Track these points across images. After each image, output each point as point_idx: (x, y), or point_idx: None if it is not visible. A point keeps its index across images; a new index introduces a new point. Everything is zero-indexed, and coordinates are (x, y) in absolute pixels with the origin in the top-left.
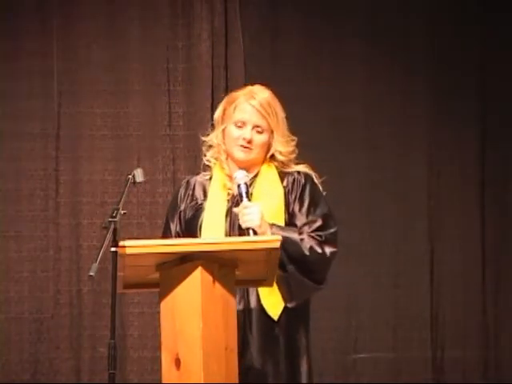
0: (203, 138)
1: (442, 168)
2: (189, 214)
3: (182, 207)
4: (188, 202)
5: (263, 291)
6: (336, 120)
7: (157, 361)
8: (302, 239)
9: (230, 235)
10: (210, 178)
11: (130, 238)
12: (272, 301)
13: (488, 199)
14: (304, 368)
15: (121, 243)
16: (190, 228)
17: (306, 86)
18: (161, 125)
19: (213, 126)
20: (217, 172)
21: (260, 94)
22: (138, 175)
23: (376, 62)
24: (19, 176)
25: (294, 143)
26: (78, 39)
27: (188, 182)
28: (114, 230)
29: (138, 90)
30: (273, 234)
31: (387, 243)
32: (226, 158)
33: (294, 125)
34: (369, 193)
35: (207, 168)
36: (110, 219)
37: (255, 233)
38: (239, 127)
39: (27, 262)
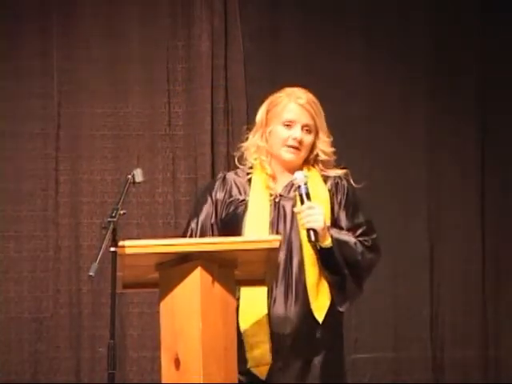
0: (244, 144)
1: (441, 168)
2: (227, 210)
3: (219, 199)
4: (226, 197)
5: (311, 293)
6: (335, 120)
7: (156, 361)
8: (355, 243)
9: (272, 234)
10: (249, 179)
11: (129, 238)
12: (319, 304)
13: (488, 199)
14: (342, 370)
15: (120, 243)
16: (229, 225)
17: (306, 86)
18: (160, 124)
19: (248, 130)
20: (257, 172)
21: (304, 94)
22: (138, 175)
23: (376, 61)
24: (19, 176)
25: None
26: (78, 39)
27: (225, 178)
28: (114, 229)
29: (137, 90)
30: (331, 236)
31: (387, 243)
32: (270, 159)
33: None
34: (369, 193)
35: (247, 168)
36: (110, 219)
37: (316, 234)
38: (287, 126)
39: (27, 262)
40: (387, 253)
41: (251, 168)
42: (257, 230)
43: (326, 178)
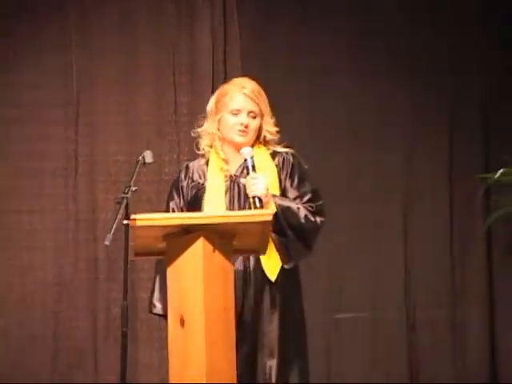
0: (198, 129)
1: (414, 155)
2: (191, 193)
3: (184, 188)
4: (189, 182)
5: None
6: (322, 112)
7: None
8: (298, 208)
9: (230, 210)
10: (206, 163)
11: (140, 212)
12: (270, 263)
13: (455, 180)
14: (299, 330)
15: (132, 217)
16: (194, 205)
17: (298, 80)
18: (167, 112)
19: (204, 118)
20: (213, 157)
21: (248, 83)
22: (148, 156)
23: (370, 58)
24: (43, 157)
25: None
26: (94, 36)
27: (187, 167)
28: (126, 204)
29: (147, 81)
30: (275, 202)
31: (366, 216)
32: (222, 145)
33: (285, 115)
34: (352, 172)
35: (202, 155)
36: (123, 195)
37: (260, 201)
38: (235, 115)
39: (50, 233)
40: (365, 225)
41: (203, 154)
42: (214, 208)
43: (274, 155)
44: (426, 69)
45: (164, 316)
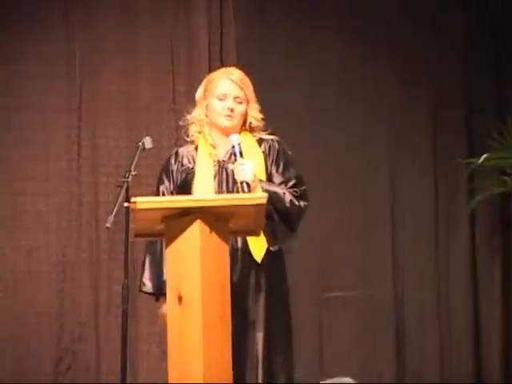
0: (187, 117)
1: (402, 140)
2: (181, 177)
3: (174, 172)
4: (179, 167)
5: (250, 237)
6: (315, 100)
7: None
8: (284, 193)
9: (219, 194)
10: (196, 149)
11: (140, 196)
12: (257, 244)
13: (440, 168)
14: (283, 308)
15: (132, 199)
16: (183, 189)
17: (290, 71)
18: (166, 100)
19: (193, 106)
20: (201, 143)
21: (234, 70)
22: (147, 142)
23: (364, 54)
24: (48, 142)
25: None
26: (97, 27)
27: (177, 152)
28: (127, 188)
29: (147, 71)
30: (262, 187)
31: (356, 198)
32: (210, 130)
33: (277, 104)
34: (340, 155)
35: (191, 141)
36: (124, 179)
37: (248, 186)
38: (221, 100)
39: (54, 214)
40: (356, 207)
41: (192, 141)
42: (203, 191)
43: (260, 142)
44: (426, 67)
45: (153, 294)
